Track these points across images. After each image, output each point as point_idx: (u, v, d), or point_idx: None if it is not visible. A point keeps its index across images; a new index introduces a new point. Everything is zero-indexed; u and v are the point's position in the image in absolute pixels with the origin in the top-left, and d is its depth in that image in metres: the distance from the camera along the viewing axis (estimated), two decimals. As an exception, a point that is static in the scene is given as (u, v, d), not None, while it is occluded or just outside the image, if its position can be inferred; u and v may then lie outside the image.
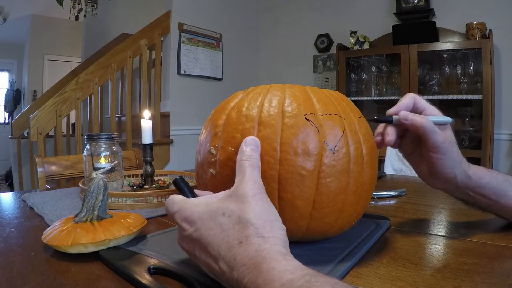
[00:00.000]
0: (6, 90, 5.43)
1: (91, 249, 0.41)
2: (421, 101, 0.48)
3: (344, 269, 0.36)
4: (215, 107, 0.45)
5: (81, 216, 0.45)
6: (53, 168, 1.09)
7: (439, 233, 0.51)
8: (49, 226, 0.50)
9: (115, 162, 0.77)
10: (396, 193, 0.77)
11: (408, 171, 1.71)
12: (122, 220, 0.46)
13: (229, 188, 0.34)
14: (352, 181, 0.38)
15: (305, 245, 0.43)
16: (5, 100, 5.37)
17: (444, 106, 2.39)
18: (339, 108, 0.41)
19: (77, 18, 3.43)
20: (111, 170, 0.76)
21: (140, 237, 0.46)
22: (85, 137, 0.77)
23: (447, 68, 2.30)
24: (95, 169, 0.77)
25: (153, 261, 0.38)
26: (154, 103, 2.61)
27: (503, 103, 2.23)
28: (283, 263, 0.27)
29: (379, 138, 0.47)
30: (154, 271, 0.36)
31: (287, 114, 0.38)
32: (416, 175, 0.53)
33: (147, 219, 0.59)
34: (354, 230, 0.48)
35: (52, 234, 0.42)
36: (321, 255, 0.40)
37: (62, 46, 5.32)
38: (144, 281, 0.33)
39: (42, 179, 1.05)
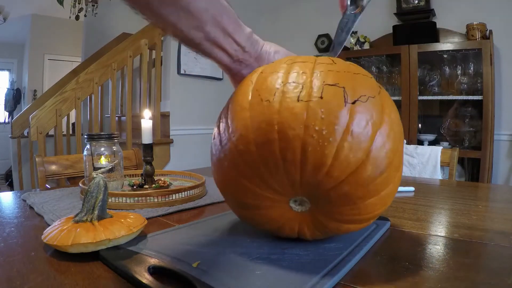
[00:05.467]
0: (6, 89, 5.43)
1: (91, 248, 0.41)
2: None
3: (344, 269, 0.36)
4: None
5: (81, 216, 0.45)
6: (53, 167, 1.09)
7: (439, 233, 0.51)
8: (49, 225, 0.50)
9: (115, 161, 0.77)
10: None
11: (408, 171, 1.71)
12: (122, 220, 0.46)
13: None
14: None
15: (304, 245, 0.43)
16: (5, 100, 5.37)
17: (444, 107, 2.39)
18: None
19: (77, 17, 3.43)
20: (111, 170, 0.76)
21: (140, 237, 0.46)
22: (85, 136, 0.77)
23: (447, 69, 2.30)
24: (95, 168, 0.77)
25: (153, 261, 0.38)
26: (154, 103, 2.61)
27: (503, 104, 2.23)
28: None
29: None
30: (154, 271, 0.36)
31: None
32: (417, 176, 0.53)
33: (147, 219, 0.59)
34: (355, 232, 0.47)
35: (52, 234, 0.42)
36: (321, 255, 0.40)
37: (63, 45, 5.32)
38: (144, 281, 0.33)
39: (42, 178, 1.05)
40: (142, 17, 0.38)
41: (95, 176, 0.48)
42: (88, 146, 0.77)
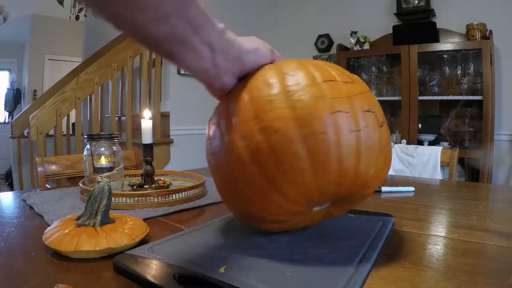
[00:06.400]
0: (6, 89, 5.43)
1: (93, 255, 0.41)
2: None
3: (369, 264, 0.38)
4: None
5: (83, 220, 0.45)
6: (53, 167, 1.09)
7: (439, 233, 0.51)
8: (49, 225, 0.50)
9: (121, 166, 0.77)
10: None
11: (408, 171, 1.71)
12: (125, 227, 0.45)
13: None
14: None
15: (323, 243, 0.44)
16: (5, 100, 5.37)
17: (444, 107, 2.39)
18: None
19: (77, 17, 3.43)
20: (110, 170, 0.76)
21: (151, 242, 0.45)
22: (85, 136, 0.77)
23: (447, 69, 2.30)
24: (95, 169, 0.77)
25: (176, 268, 0.36)
26: (154, 103, 2.61)
27: (503, 104, 2.23)
28: None
29: None
30: (181, 279, 0.35)
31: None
32: (416, 176, 0.54)
33: (147, 219, 0.59)
34: (365, 228, 0.50)
35: (54, 237, 0.42)
36: (342, 252, 0.41)
37: (63, 45, 5.31)
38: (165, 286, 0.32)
39: (42, 178, 1.05)
40: (95, 14, 0.32)
41: (99, 180, 0.47)
42: (88, 146, 0.77)
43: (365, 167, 0.38)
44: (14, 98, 5.33)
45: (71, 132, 2.75)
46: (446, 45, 2.21)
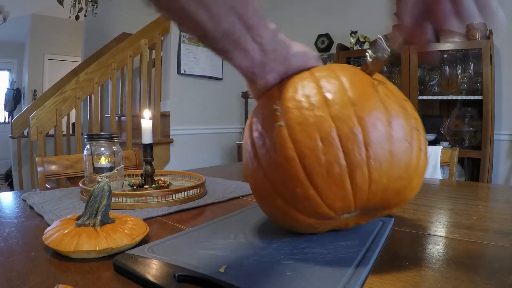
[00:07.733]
0: (6, 89, 5.43)
1: (93, 255, 0.41)
2: None
3: (369, 264, 0.38)
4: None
5: (83, 220, 0.45)
6: (53, 167, 1.09)
7: (439, 233, 0.51)
8: (49, 225, 0.50)
9: (121, 166, 0.77)
10: None
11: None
12: (125, 227, 0.45)
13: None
14: None
15: (322, 244, 0.44)
16: (5, 100, 5.37)
17: (444, 107, 2.39)
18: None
19: (77, 17, 3.43)
20: (110, 170, 0.76)
21: (152, 242, 0.45)
22: (85, 136, 0.77)
23: (447, 69, 2.30)
24: (95, 169, 0.77)
25: (176, 268, 0.36)
26: (154, 103, 2.61)
27: (503, 104, 2.23)
28: None
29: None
30: (181, 279, 0.35)
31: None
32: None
33: (147, 219, 0.59)
34: (365, 228, 0.50)
35: (54, 237, 0.42)
36: (342, 253, 0.41)
37: (63, 45, 5.31)
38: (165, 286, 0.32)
39: (42, 178, 1.05)
40: (157, 11, 0.34)
41: (99, 180, 0.47)
42: (88, 146, 0.77)
43: (417, 184, 0.41)
44: (14, 98, 5.33)
45: (71, 132, 2.75)
46: (446, 45, 2.21)
